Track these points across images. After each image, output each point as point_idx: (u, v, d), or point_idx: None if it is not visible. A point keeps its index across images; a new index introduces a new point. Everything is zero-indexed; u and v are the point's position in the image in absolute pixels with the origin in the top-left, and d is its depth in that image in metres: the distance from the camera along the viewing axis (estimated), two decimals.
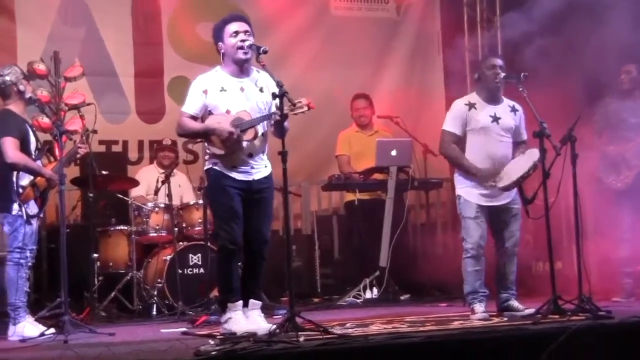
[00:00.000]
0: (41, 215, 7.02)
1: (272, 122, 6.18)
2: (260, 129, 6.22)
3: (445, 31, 11.26)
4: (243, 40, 6.19)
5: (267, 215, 6.37)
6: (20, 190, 6.72)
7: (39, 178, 6.80)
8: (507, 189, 6.82)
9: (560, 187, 6.66)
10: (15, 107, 6.88)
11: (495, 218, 6.99)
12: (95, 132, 7.60)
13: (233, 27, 6.24)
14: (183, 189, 9.32)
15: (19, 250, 6.74)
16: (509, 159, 6.94)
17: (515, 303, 6.93)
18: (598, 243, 8.76)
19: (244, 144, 6.16)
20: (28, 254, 6.81)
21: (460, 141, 6.97)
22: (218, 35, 6.31)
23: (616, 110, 8.24)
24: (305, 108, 6.08)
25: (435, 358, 5.28)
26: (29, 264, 6.88)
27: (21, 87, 6.82)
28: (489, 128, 6.94)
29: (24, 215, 6.71)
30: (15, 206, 6.72)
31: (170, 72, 10.30)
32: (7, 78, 6.85)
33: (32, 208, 6.81)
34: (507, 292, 6.99)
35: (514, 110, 7.08)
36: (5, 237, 6.93)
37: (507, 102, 7.10)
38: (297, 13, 10.90)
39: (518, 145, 7.05)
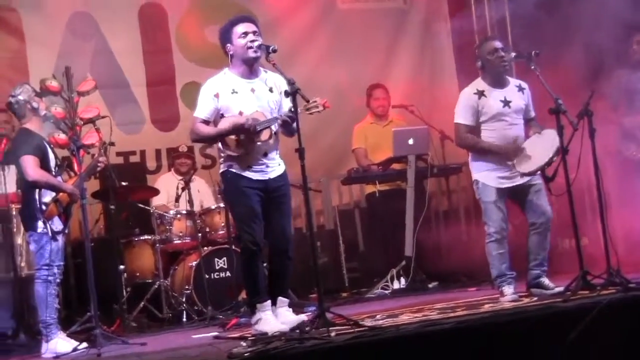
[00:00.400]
0: (66, 231, 7.06)
1: (279, 123, 6.18)
2: (273, 128, 6.23)
3: (454, 15, 11.23)
4: (252, 41, 6.20)
5: (287, 213, 6.39)
6: (44, 208, 6.75)
7: (61, 194, 6.84)
8: (529, 174, 6.79)
9: (580, 163, 6.63)
10: (31, 125, 6.92)
11: (519, 197, 6.96)
12: (112, 144, 7.62)
13: (241, 28, 6.25)
14: (203, 193, 9.34)
15: (46, 267, 6.78)
16: (523, 139, 6.91)
17: (545, 280, 6.90)
18: (623, 215, 8.73)
19: (257, 145, 6.17)
20: (56, 270, 6.85)
21: (474, 130, 6.94)
22: (226, 37, 6.32)
23: (630, 81, 8.20)
24: (321, 108, 6.10)
25: (468, 342, 5.28)
26: (58, 280, 6.91)
27: (34, 105, 6.86)
28: (502, 113, 6.91)
29: (49, 232, 6.74)
30: (40, 224, 6.76)
31: (182, 79, 10.32)
32: (20, 97, 6.88)
33: (57, 224, 6.84)
34: (539, 269, 6.94)
35: (521, 89, 7.05)
36: (33, 255, 7.00)
37: (513, 83, 7.07)
38: (304, 10, 10.91)
39: (528, 123, 7.02)
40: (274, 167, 6.30)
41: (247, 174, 6.21)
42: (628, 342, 5.46)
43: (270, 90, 6.32)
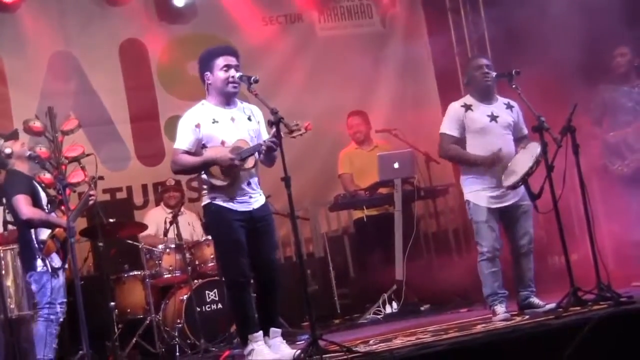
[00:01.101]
0: (65, 267, 7.04)
1: (263, 150, 6.16)
2: (255, 155, 6.23)
3: (433, 37, 11.28)
4: (233, 76, 6.21)
5: (273, 243, 6.39)
6: (42, 245, 6.74)
7: (57, 230, 6.82)
8: (513, 187, 6.80)
9: (565, 179, 6.66)
10: (19, 166, 6.91)
11: (507, 218, 6.98)
12: (102, 178, 7.63)
13: (223, 60, 6.26)
14: (194, 226, 9.32)
15: (48, 305, 6.76)
16: (513, 155, 6.93)
17: (535, 300, 6.91)
18: (611, 230, 8.75)
19: (241, 173, 6.16)
20: (58, 309, 6.84)
21: (459, 142, 6.97)
22: (206, 65, 6.32)
23: (612, 96, 8.24)
24: (303, 130, 6.10)
25: None
26: (60, 319, 6.88)
27: (7, 151, 6.84)
28: (489, 127, 6.94)
29: (49, 269, 6.72)
30: (39, 262, 6.76)
31: (166, 113, 10.30)
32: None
33: (56, 261, 6.83)
34: (527, 290, 6.97)
35: (509, 107, 7.09)
36: (33, 296, 6.95)
37: (501, 100, 7.11)
38: (284, 39, 10.94)
39: (519, 141, 7.04)
40: (256, 197, 6.29)
41: (231, 205, 6.19)
42: (622, 356, 5.45)
43: (249, 119, 6.34)
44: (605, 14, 8.67)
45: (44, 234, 6.78)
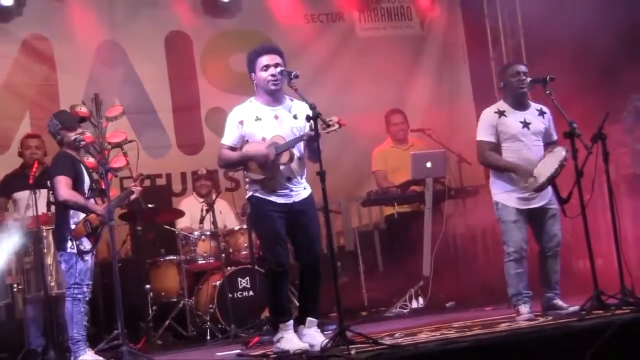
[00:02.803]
0: (94, 252, 7.09)
1: (305, 140, 6.17)
2: (296, 152, 6.24)
3: (470, 42, 11.27)
4: (273, 75, 6.23)
5: (315, 233, 6.37)
6: (72, 227, 6.80)
7: (91, 215, 6.88)
8: (539, 189, 6.78)
9: (594, 185, 6.62)
10: (70, 149, 6.99)
11: (535, 220, 6.95)
12: (149, 177, 7.69)
13: (265, 59, 6.28)
14: (225, 215, 9.36)
15: (76, 286, 6.80)
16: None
17: (559, 302, 6.88)
18: (636, 236, 8.69)
19: (281, 168, 6.19)
20: (85, 289, 6.86)
21: (496, 148, 6.94)
22: (251, 66, 6.36)
23: None
24: (337, 126, 6.09)
25: None
26: (87, 298, 6.93)
27: (58, 138, 6.93)
28: (521, 134, 6.90)
29: (76, 251, 6.78)
30: (69, 243, 6.80)
31: (207, 104, 10.36)
32: (50, 129, 6.97)
33: (86, 244, 6.87)
34: (552, 292, 6.93)
35: (542, 113, 7.05)
36: (62, 275, 7.04)
37: (534, 106, 7.07)
38: (326, 38, 10.96)
39: (548, 146, 7.00)
40: (298, 191, 6.30)
41: (272, 198, 6.22)
42: None
43: (295, 117, 6.33)
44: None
45: (79, 217, 6.85)
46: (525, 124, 6.92)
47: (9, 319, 8.49)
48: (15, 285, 8.17)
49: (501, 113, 6.96)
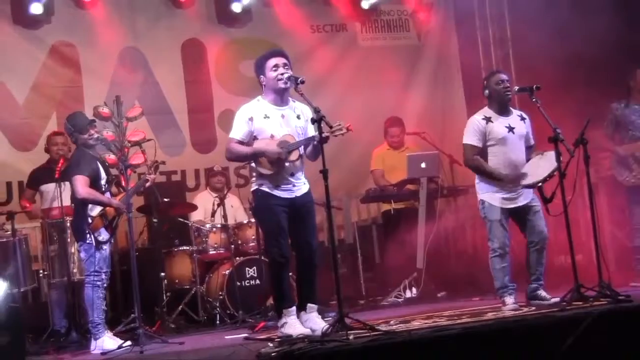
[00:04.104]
0: (112, 241, 7.11)
1: (311, 144, 6.18)
2: (300, 150, 6.25)
3: (463, 52, 11.28)
4: (282, 73, 6.23)
5: (312, 226, 6.38)
6: (90, 220, 6.81)
7: (107, 208, 6.90)
8: (531, 186, 6.79)
9: (575, 186, 6.63)
10: (85, 147, 7.00)
11: (519, 218, 6.96)
12: (163, 163, 7.71)
13: (273, 61, 6.29)
14: (235, 209, 9.35)
15: (95, 273, 6.83)
16: (524, 162, 6.91)
17: (542, 292, 6.89)
18: (614, 235, 8.69)
19: (287, 164, 6.19)
20: (104, 276, 6.89)
21: (481, 152, 6.94)
22: (259, 69, 6.36)
23: (624, 114, 8.18)
24: (345, 130, 6.10)
25: (473, 347, 5.27)
26: (105, 285, 6.95)
27: (72, 139, 6.97)
28: (507, 138, 6.91)
29: (93, 242, 6.80)
30: (88, 236, 6.82)
31: (220, 107, 10.36)
32: (70, 126, 6.98)
33: (104, 235, 6.89)
34: (536, 283, 6.94)
35: (523, 119, 7.08)
36: (83, 263, 7.05)
37: (515, 112, 7.10)
38: (329, 46, 10.94)
39: (528, 149, 7.02)
40: (299, 186, 6.31)
41: (276, 192, 6.22)
42: (618, 348, 5.42)
43: (298, 117, 6.35)
44: (625, 36, 8.63)
45: (96, 210, 6.87)
46: (510, 129, 6.93)
47: (35, 302, 8.54)
48: (41, 271, 8.23)
49: (488, 119, 6.96)
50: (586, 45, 8.62)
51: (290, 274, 6.43)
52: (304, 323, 6.18)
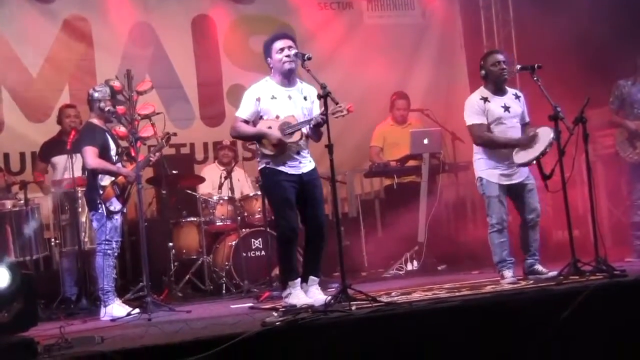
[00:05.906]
0: (124, 211, 7.12)
1: (312, 124, 6.17)
2: (304, 130, 6.25)
3: (466, 30, 11.25)
4: (288, 55, 6.22)
5: (319, 201, 6.38)
6: (101, 191, 6.83)
7: (119, 177, 6.92)
8: (526, 164, 6.78)
9: (574, 163, 6.62)
10: (97, 119, 7.01)
11: (515, 194, 6.97)
12: (175, 134, 7.73)
13: (279, 44, 6.28)
14: (242, 182, 9.36)
15: (106, 242, 6.85)
16: None
17: (539, 267, 6.90)
18: (611, 212, 8.67)
19: (290, 146, 6.19)
20: (114, 245, 6.91)
21: (488, 129, 6.92)
22: (266, 52, 6.36)
23: (630, 92, 8.12)
24: (345, 112, 6.08)
25: (471, 318, 5.28)
26: (115, 254, 6.98)
27: (102, 105, 6.94)
28: (503, 117, 6.91)
29: (105, 212, 6.81)
30: (99, 205, 6.83)
31: (228, 81, 10.35)
32: (95, 95, 6.98)
33: (115, 205, 6.90)
34: (532, 258, 6.95)
35: (517, 97, 7.06)
36: (94, 232, 7.08)
37: (510, 91, 7.07)
38: (335, 24, 10.92)
39: (524, 127, 7.00)
40: (305, 163, 6.31)
41: (283, 168, 6.23)
42: (613, 321, 5.44)
43: (305, 98, 6.34)
44: (627, 16, 8.56)
45: (107, 180, 6.88)
46: (506, 108, 6.92)
47: (46, 269, 8.58)
48: (53, 240, 8.26)
49: (485, 99, 6.94)
50: (590, 25, 8.57)
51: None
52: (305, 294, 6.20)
